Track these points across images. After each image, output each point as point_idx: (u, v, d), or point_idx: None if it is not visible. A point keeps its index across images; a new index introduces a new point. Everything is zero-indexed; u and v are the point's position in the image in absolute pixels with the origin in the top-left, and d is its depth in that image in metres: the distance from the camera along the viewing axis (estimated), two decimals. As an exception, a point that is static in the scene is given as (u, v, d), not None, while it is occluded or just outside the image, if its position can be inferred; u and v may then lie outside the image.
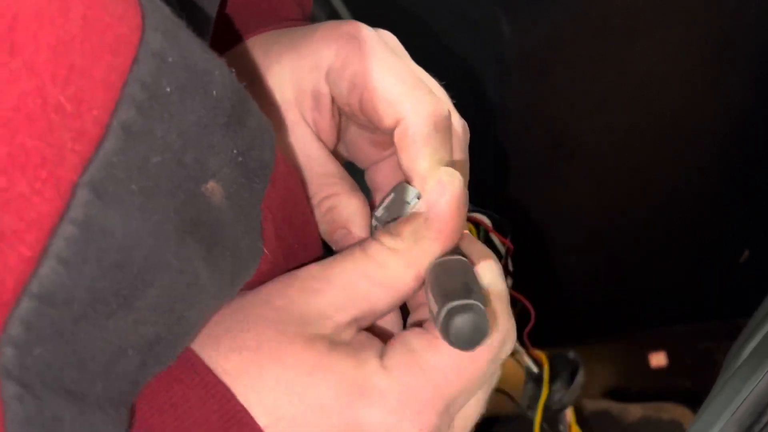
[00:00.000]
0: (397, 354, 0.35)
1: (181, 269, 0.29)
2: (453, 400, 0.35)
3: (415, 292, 0.36)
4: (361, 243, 0.37)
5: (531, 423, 0.78)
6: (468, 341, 0.32)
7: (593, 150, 1.02)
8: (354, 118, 0.41)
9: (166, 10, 0.28)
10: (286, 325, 0.34)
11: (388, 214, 0.39)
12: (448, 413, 0.35)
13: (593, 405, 0.91)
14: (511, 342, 0.37)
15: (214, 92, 0.29)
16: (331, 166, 0.41)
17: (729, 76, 1.00)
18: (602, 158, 1.03)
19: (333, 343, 0.34)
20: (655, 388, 0.95)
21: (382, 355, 0.35)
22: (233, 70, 0.31)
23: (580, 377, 0.81)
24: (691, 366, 0.98)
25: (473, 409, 0.37)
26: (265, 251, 0.35)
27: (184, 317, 0.30)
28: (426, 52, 0.98)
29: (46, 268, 0.24)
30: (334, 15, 0.96)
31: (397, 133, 0.38)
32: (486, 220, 0.69)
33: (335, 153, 0.43)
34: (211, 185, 0.30)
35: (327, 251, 0.41)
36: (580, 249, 1.06)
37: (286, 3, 0.47)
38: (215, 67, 0.30)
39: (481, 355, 0.34)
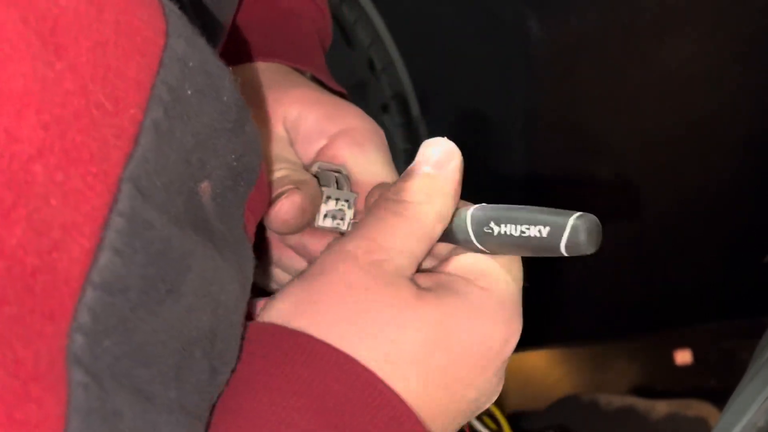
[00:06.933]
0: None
1: (205, 254, 0.30)
2: None
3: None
4: (385, 205, 0.37)
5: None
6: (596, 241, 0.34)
7: (620, 149, 1.03)
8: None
9: (185, 17, 0.30)
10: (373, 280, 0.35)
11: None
12: None
13: (619, 401, 0.91)
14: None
15: (225, 98, 0.32)
16: (299, 164, 0.44)
17: (757, 75, 1.00)
18: (629, 157, 1.03)
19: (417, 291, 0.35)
20: (680, 385, 0.96)
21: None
22: (237, 79, 0.33)
23: None
24: (716, 364, 0.98)
25: None
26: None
27: (221, 302, 0.32)
28: (454, 51, 0.99)
29: (103, 259, 0.26)
30: (362, 11, 0.97)
31: None
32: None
33: None
34: (205, 185, 0.32)
35: None
36: (607, 247, 1.06)
37: (310, 36, 0.51)
38: (225, 74, 0.32)
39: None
